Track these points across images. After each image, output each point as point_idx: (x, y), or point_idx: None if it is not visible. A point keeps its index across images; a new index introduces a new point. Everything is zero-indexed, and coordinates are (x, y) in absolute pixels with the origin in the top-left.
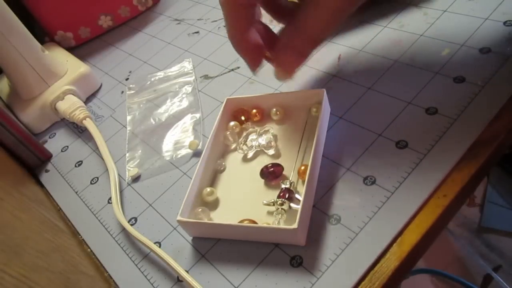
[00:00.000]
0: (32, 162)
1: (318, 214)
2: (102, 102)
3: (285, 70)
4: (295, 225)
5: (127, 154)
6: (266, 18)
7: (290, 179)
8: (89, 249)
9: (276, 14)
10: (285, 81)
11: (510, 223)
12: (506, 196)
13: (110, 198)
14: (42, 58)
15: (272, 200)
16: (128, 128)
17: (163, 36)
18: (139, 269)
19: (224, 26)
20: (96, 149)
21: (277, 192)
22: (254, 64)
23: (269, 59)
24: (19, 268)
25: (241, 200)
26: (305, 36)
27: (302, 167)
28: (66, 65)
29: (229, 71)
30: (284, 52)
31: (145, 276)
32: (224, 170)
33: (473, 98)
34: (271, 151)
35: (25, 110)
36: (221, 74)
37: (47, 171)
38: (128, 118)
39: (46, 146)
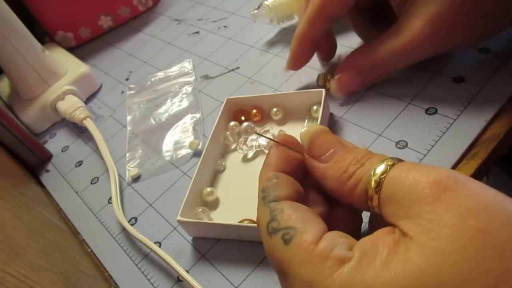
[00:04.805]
0: (32, 162)
1: None
2: (102, 102)
3: (341, 88)
4: None
5: (127, 154)
6: None
7: None
8: (89, 249)
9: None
10: (338, 97)
11: None
12: None
13: (110, 198)
14: (42, 58)
15: None
16: (128, 128)
17: (163, 36)
18: (139, 269)
19: (225, 26)
20: (96, 149)
21: None
22: (294, 63)
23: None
24: (19, 268)
25: (241, 200)
26: (370, 60)
27: None
28: (67, 65)
29: (229, 71)
30: (346, 72)
31: (145, 276)
32: (224, 170)
33: (472, 98)
34: None
35: (25, 110)
36: (221, 74)
37: (47, 171)
38: (128, 118)
39: (47, 146)
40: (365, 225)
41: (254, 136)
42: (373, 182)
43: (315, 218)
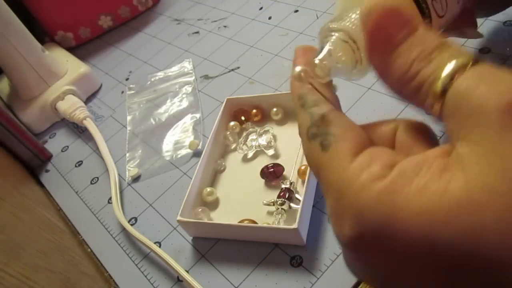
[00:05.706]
0: (32, 162)
1: (318, 214)
2: (102, 102)
3: None
4: (295, 225)
5: (127, 154)
6: None
7: (290, 179)
8: (89, 249)
9: None
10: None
11: None
12: None
13: (110, 198)
14: (42, 58)
15: (272, 200)
16: (128, 128)
17: (163, 36)
18: (139, 269)
19: (225, 26)
20: (96, 149)
21: (277, 192)
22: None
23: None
24: (19, 268)
25: (241, 200)
26: None
27: (302, 167)
28: (66, 65)
29: (229, 71)
30: None
31: (145, 276)
32: (224, 170)
33: None
34: (271, 151)
35: (25, 110)
36: (221, 74)
37: (47, 171)
38: (128, 118)
39: (46, 146)
40: None
41: (254, 136)
42: (438, 87)
43: (357, 128)
